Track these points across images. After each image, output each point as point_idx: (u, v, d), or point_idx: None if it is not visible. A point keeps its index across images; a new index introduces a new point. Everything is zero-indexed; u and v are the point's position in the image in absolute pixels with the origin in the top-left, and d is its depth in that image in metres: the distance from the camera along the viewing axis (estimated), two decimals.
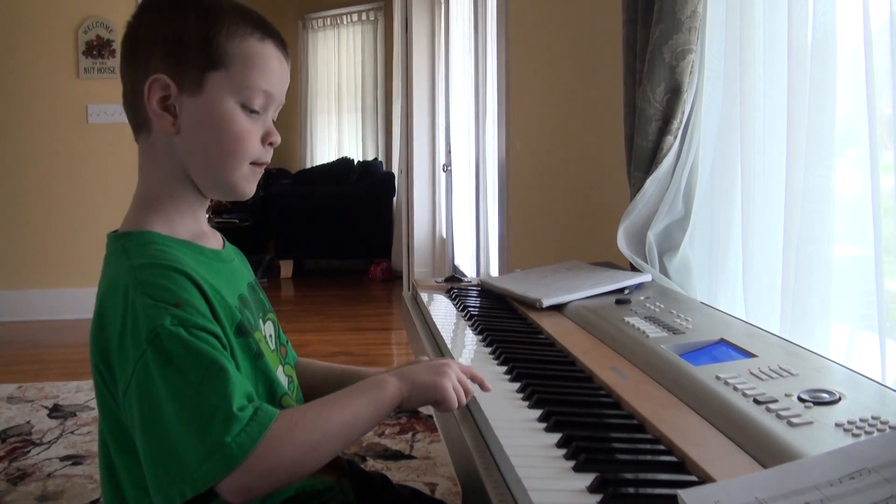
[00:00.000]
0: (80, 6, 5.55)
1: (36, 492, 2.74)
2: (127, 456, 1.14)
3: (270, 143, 1.25)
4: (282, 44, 1.26)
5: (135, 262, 1.14)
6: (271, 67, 1.23)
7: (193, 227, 1.27)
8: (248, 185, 1.25)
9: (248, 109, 1.21)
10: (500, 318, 1.75)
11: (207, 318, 1.11)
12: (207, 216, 1.35)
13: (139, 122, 1.24)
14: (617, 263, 2.08)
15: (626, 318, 1.53)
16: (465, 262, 5.67)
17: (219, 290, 1.17)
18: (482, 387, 1.22)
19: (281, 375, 1.29)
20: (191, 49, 1.18)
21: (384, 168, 8.74)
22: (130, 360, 1.06)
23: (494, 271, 4.50)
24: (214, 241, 1.32)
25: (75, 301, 5.48)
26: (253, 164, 1.24)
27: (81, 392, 3.86)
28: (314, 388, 1.43)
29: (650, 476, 0.95)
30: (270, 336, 1.33)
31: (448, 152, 5.90)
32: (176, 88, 1.18)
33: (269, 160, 1.27)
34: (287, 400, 1.24)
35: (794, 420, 0.99)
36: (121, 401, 1.10)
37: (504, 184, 4.00)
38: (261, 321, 1.30)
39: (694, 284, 1.91)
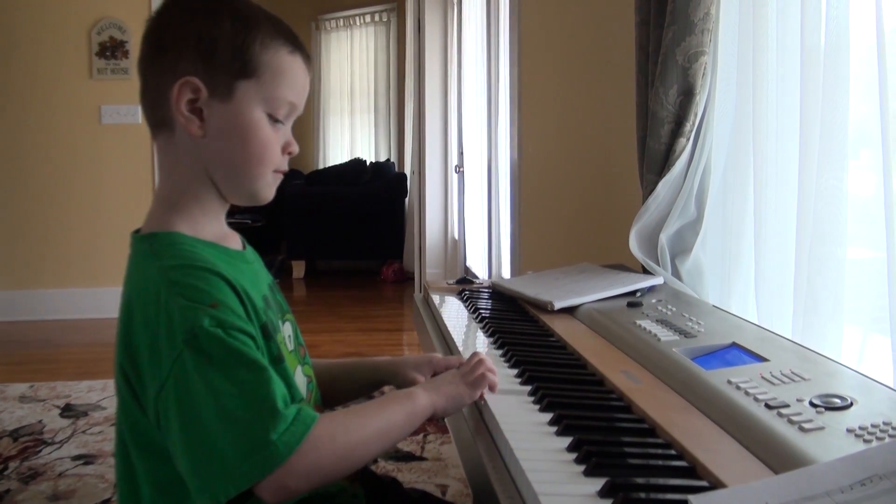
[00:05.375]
0: (93, 7, 5.57)
1: (47, 491, 2.75)
2: (147, 456, 1.14)
3: (289, 153, 1.27)
4: (307, 56, 1.28)
5: (166, 263, 1.14)
6: (298, 80, 1.25)
7: (217, 228, 1.27)
8: (269, 191, 1.27)
9: (273, 119, 1.22)
10: (512, 320, 1.75)
11: (243, 319, 1.12)
12: None
13: (160, 120, 1.23)
14: (629, 266, 2.08)
15: (638, 321, 1.52)
16: (477, 264, 5.67)
17: (246, 290, 1.17)
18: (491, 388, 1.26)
19: (299, 377, 1.29)
20: (224, 55, 1.18)
21: (396, 169, 8.75)
22: (165, 361, 1.06)
23: (506, 273, 4.50)
24: (235, 242, 1.32)
25: (88, 301, 5.51)
26: (274, 171, 1.26)
27: (93, 392, 3.88)
28: (325, 384, 1.43)
29: (661, 481, 0.94)
30: (289, 336, 1.33)
31: (460, 153, 5.91)
32: (206, 92, 1.18)
33: (287, 168, 1.29)
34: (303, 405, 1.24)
35: (806, 425, 0.98)
36: (150, 401, 1.09)
37: (516, 185, 4.00)
38: (280, 322, 1.30)
39: (706, 287, 1.90)
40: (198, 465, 1.04)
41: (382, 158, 9.30)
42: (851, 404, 1.03)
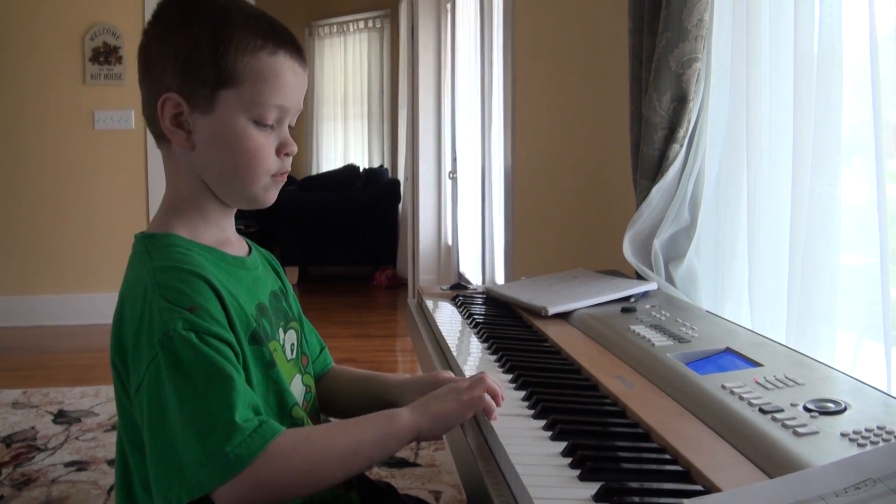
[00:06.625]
0: (87, 13, 5.56)
1: (40, 497, 2.74)
2: (137, 454, 1.15)
3: (287, 154, 1.25)
4: (296, 51, 1.24)
5: (155, 263, 1.15)
6: (284, 81, 1.22)
7: (217, 233, 1.28)
8: (268, 195, 1.26)
9: (262, 125, 1.20)
10: (506, 325, 1.75)
11: (221, 325, 1.12)
12: None
13: (158, 132, 1.24)
14: (623, 272, 2.08)
15: (632, 327, 1.52)
16: (471, 270, 5.67)
17: (236, 296, 1.18)
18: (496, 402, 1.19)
19: (298, 385, 1.30)
20: (201, 67, 1.17)
21: (390, 175, 8.75)
22: (144, 360, 1.08)
23: (500, 279, 4.50)
24: (239, 248, 1.32)
25: (80, 306, 5.50)
26: (273, 175, 1.24)
27: (86, 398, 3.87)
28: (341, 395, 1.43)
29: (655, 485, 0.94)
30: (292, 345, 1.33)
31: (454, 159, 5.91)
32: (188, 106, 1.19)
33: (289, 168, 1.27)
34: (297, 411, 1.24)
35: (800, 430, 0.98)
36: (133, 398, 1.11)
37: (510, 191, 4.00)
38: (280, 330, 1.30)
39: (700, 293, 1.90)
40: (158, 466, 1.05)
41: (376, 164, 9.31)
42: (845, 409, 1.04)
